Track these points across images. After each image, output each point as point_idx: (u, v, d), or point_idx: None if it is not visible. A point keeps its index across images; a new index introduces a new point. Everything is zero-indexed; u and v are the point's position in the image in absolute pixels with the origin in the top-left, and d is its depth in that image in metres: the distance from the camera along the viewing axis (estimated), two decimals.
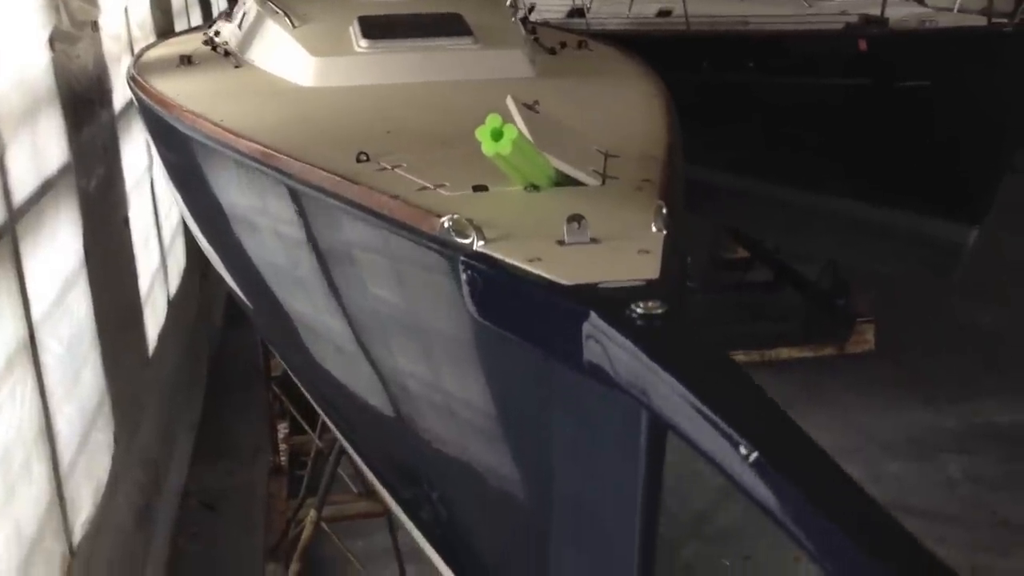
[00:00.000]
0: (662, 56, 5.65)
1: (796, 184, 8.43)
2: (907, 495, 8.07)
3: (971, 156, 7.15)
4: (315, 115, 4.29)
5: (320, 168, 3.14)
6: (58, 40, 5.79)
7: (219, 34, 6.72)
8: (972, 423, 9.34)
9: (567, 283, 2.08)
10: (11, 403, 4.56)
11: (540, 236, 2.34)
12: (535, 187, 2.78)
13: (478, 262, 2.28)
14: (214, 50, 6.19)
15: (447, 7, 5.36)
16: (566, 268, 2.14)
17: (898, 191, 7.69)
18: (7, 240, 4.63)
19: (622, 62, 5.83)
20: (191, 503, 8.20)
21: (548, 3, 10.71)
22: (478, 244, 2.32)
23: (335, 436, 6.27)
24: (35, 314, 4.89)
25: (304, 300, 4.05)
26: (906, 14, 7.88)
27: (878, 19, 7.55)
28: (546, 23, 8.71)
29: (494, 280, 2.24)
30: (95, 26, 6.80)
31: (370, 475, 4.46)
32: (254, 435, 8.89)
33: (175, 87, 5.08)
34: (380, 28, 5.06)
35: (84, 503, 5.50)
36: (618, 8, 9.99)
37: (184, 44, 6.65)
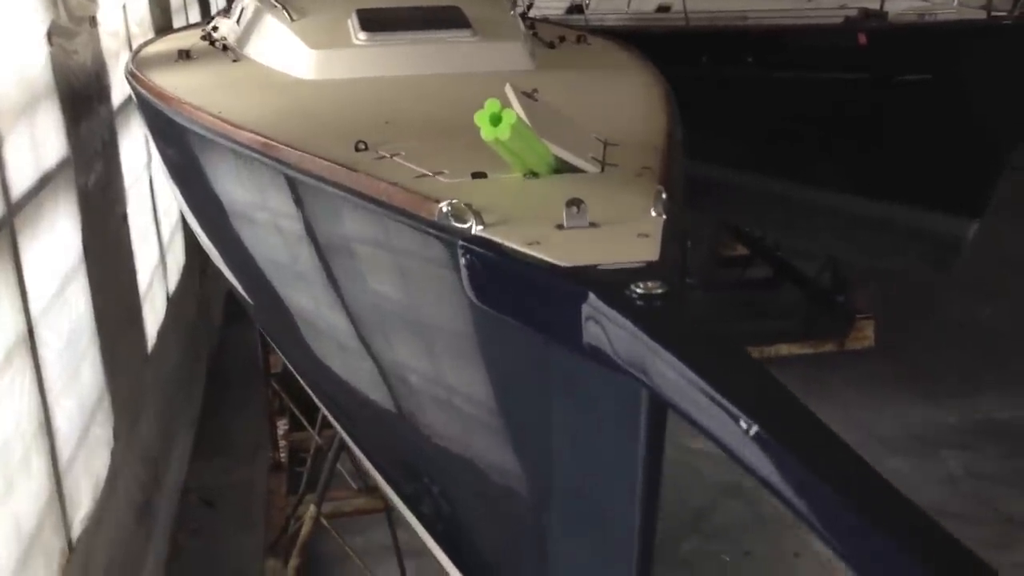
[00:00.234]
0: (661, 51, 5.64)
1: (795, 179, 8.43)
2: (908, 491, 7.75)
3: (971, 150, 7.13)
4: (313, 107, 4.28)
5: (318, 156, 3.13)
6: (56, 35, 5.78)
7: (217, 30, 6.71)
8: (972, 418, 9.34)
9: (566, 265, 2.07)
10: (10, 397, 4.55)
11: (539, 221, 2.33)
12: (534, 174, 2.77)
13: (477, 246, 2.27)
14: (212, 45, 6.18)
15: (445, 0, 5.35)
16: (565, 251, 2.13)
17: (898, 185, 7.67)
18: (5, 233, 4.62)
19: (621, 56, 5.82)
20: (191, 499, 8.19)
21: (547, 0, 10.72)
22: (477, 229, 2.31)
23: (334, 432, 6.28)
24: (34, 308, 4.88)
25: (304, 293, 4.04)
26: (905, 8, 7.87)
27: (877, 13, 7.54)
28: (545, 19, 8.71)
29: (493, 263, 2.23)
30: (93, 21, 6.79)
31: (371, 469, 4.45)
32: (253, 432, 8.89)
33: (173, 81, 5.07)
34: (378, 21, 5.05)
35: (83, 498, 5.49)
36: (617, 4, 9.98)
37: (182, 40, 6.64)
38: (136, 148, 8.11)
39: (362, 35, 4.94)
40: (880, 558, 1.23)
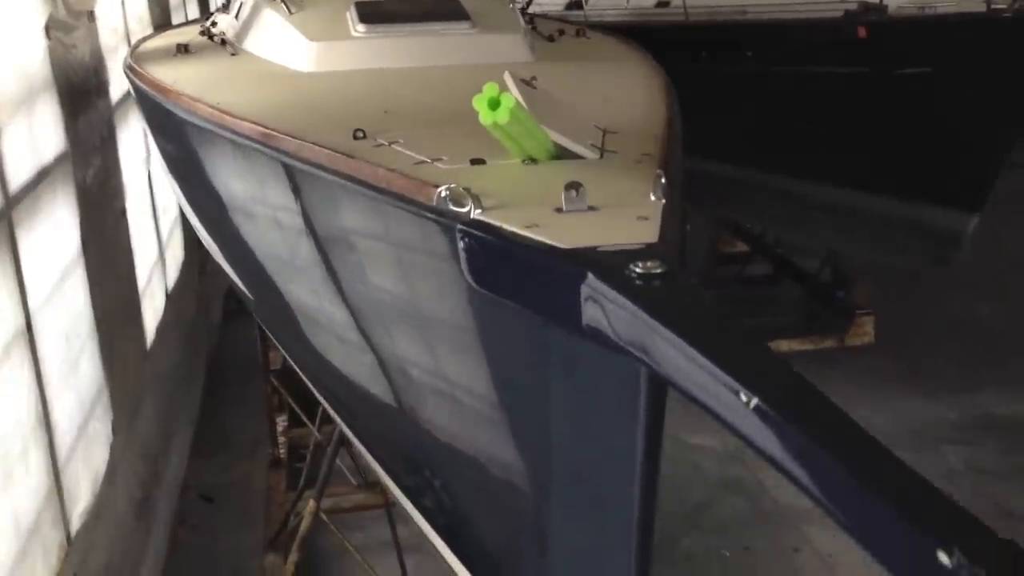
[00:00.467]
0: (660, 46, 5.63)
1: (795, 174, 8.42)
2: None
3: (971, 143, 7.13)
4: (312, 98, 4.26)
5: (316, 145, 3.12)
6: (54, 29, 5.77)
7: (216, 25, 6.71)
8: (972, 414, 9.34)
9: (565, 247, 2.06)
10: (8, 389, 4.54)
11: (538, 205, 2.32)
12: (533, 160, 2.75)
13: (475, 230, 2.26)
14: (211, 40, 6.17)
15: None
16: (564, 233, 2.12)
17: (898, 179, 7.67)
18: (3, 226, 4.61)
19: (621, 49, 5.81)
20: (190, 496, 8.18)
21: None
22: (475, 212, 2.29)
23: (334, 428, 6.27)
24: (32, 302, 4.87)
25: (304, 285, 4.03)
26: (905, 1, 7.87)
27: (877, 6, 7.54)
28: (544, 15, 8.70)
29: (491, 246, 2.22)
30: (91, 16, 6.78)
31: (372, 462, 4.43)
32: (253, 428, 8.89)
33: (172, 74, 5.06)
34: (377, 13, 5.04)
35: (82, 493, 5.48)
36: None
37: (181, 36, 6.63)
38: (135, 144, 8.10)
39: (360, 27, 4.94)
40: (882, 525, 1.22)
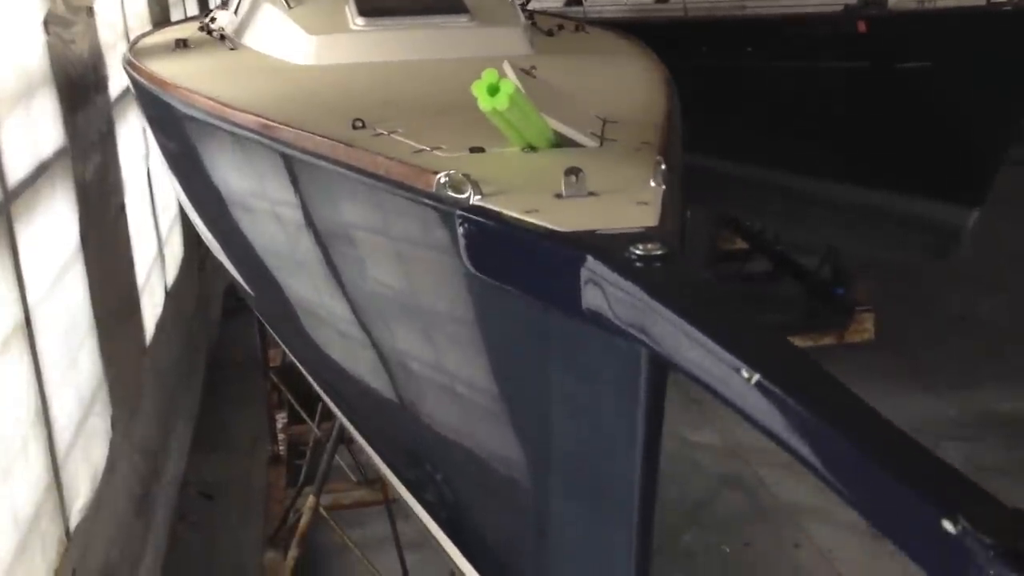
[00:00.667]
0: (659, 42, 5.61)
1: (795, 169, 8.41)
2: None
3: (971, 137, 7.12)
4: (311, 90, 4.25)
5: (315, 134, 3.11)
6: (52, 24, 5.76)
7: (215, 21, 6.71)
8: (973, 410, 9.33)
9: (564, 231, 2.05)
10: (7, 383, 4.53)
11: (537, 191, 2.31)
12: (532, 148, 2.75)
13: (475, 215, 2.25)
14: (210, 35, 6.17)
15: None
16: (563, 218, 2.11)
17: (898, 174, 7.66)
18: (2, 220, 4.60)
19: (620, 43, 5.81)
20: (190, 492, 8.18)
21: None
22: (475, 198, 2.28)
23: (333, 425, 6.27)
24: (31, 296, 4.86)
25: (304, 277, 4.02)
26: None
27: (877, 1, 7.53)
28: (544, 12, 8.69)
29: (491, 232, 2.21)
30: (90, 12, 6.78)
31: (373, 455, 4.42)
32: (252, 425, 8.88)
33: (171, 68, 5.06)
34: (376, 6, 5.04)
35: (81, 488, 5.47)
36: None
37: (180, 32, 6.63)
38: (134, 140, 8.10)
39: (359, 20, 4.93)
40: (886, 496, 1.22)
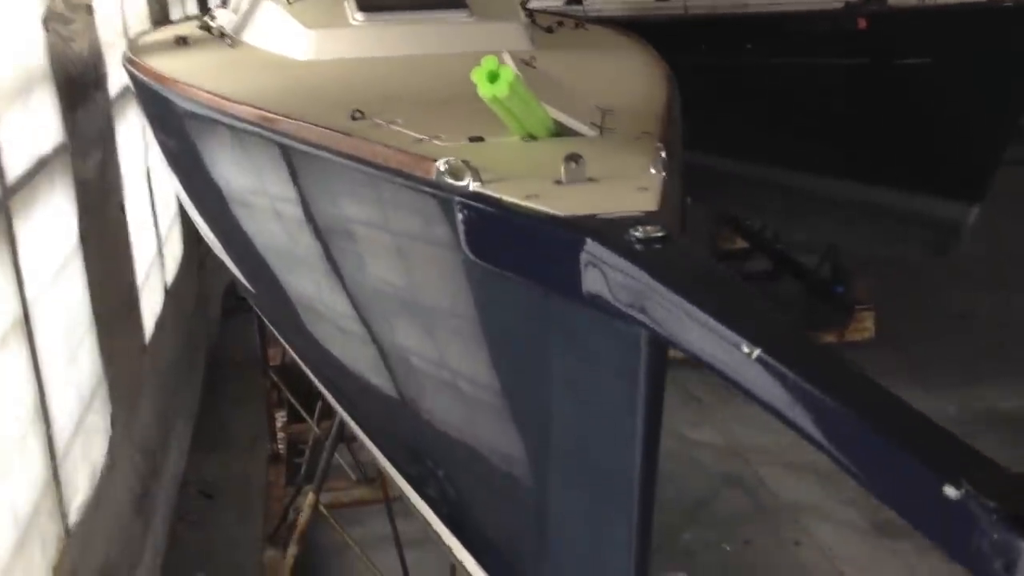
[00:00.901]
0: (659, 40, 5.61)
1: (795, 166, 8.41)
2: None
3: (971, 134, 7.12)
4: (310, 84, 4.25)
5: (314, 124, 3.11)
6: (52, 21, 5.76)
7: (215, 19, 6.72)
8: (973, 409, 9.31)
9: (564, 215, 2.05)
10: (5, 379, 4.52)
11: (537, 177, 2.31)
12: (532, 137, 2.75)
13: (474, 202, 2.25)
14: (209, 32, 6.17)
15: None
16: (563, 203, 2.11)
17: (898, 171, 7.66)
18: (1, 216, 4.59)
19: (621, 39, 5.81)
20: (190, 491, 8.17)
21: None
22: (474, 185, 2.28)
23: (333, 423, 6.26)
24: (30, 292, 4.85)
25: (304, 270, 4.01)
26: None
27: None
28: (543, 11, 8.69)
29: (491, 217, 2.20)
30: (89, 10, 6.77)
31: (374, 449, 4.41)
32: (252, 424, 8.87)
33: (170, 64, 5.06)
34: (375, 2, 5.04)
35: (80, 485, 5.46)
36: None
37: (179, 30, 6.63)
38: (134, 139, 8.09)
39: (359, 16, 4.94)
40: (888, 464, 1.21)
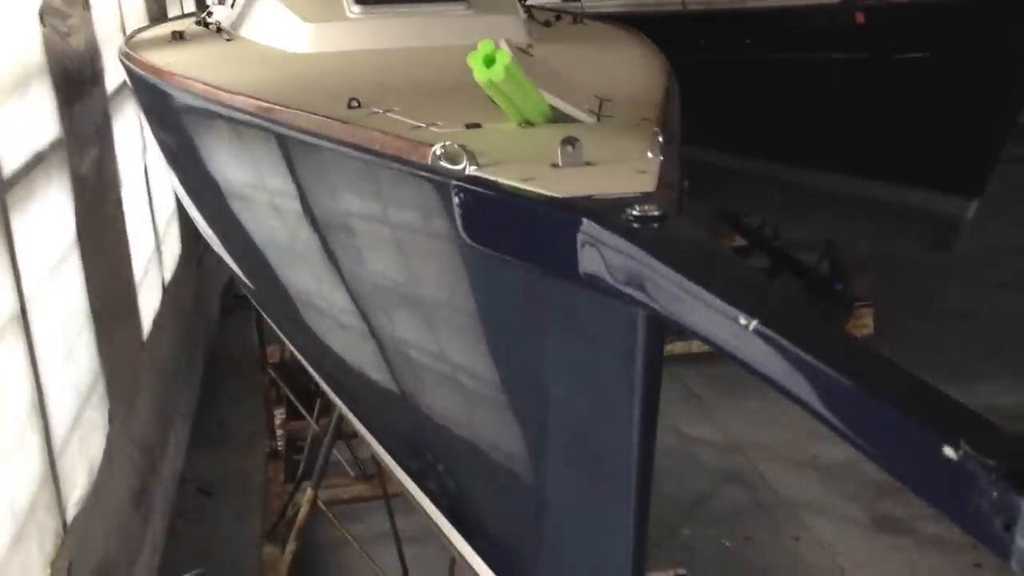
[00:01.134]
0: (657, 36, 5.60)
1: (794, 161, 8.40)
2: None
3: (970, 128, 7.11)
4: (307, 76, 4.25)
5: (310, 112, 3.10)
6: (48, 15, 5.75)
7: (212, 15, 6.72)
8: (973, 406, 9.13)
9: (561, 196, 2.04)
10: (3, 374, 4.51)
11: (534, 161, 2.30)
12: (529, 123, 2.74)
13: (471, 185, 2.24)
14: (206, 28, 6.18)
15: None
16: (560, 185, 2.10)
17: (897, 165, 7.65)
18: None
19: (619, 34, 5.81)
20: (188, 489, 8.15)
21: None
22: (470, 169, 2.27)
23: (331, 419, 6.26)
24: (27, 287, 4.84)
25: (303, 264, 4.00)
26: None
27: None
28: (541, 7, 8.68)
29: (487, 200, 2.19)
30: (86, 4, 6.76)
31: (373, 442, 4.39)
32: (250, 422, 8.86)
33: (167, 58, 5.06)
34: None
35: (78, 480, 5.44)
36: None
37: (176, 26, 6.63)
38: (131, 136, 8.08)
39: (356, 8, 4.94)
40: (886, 428, 1.20)
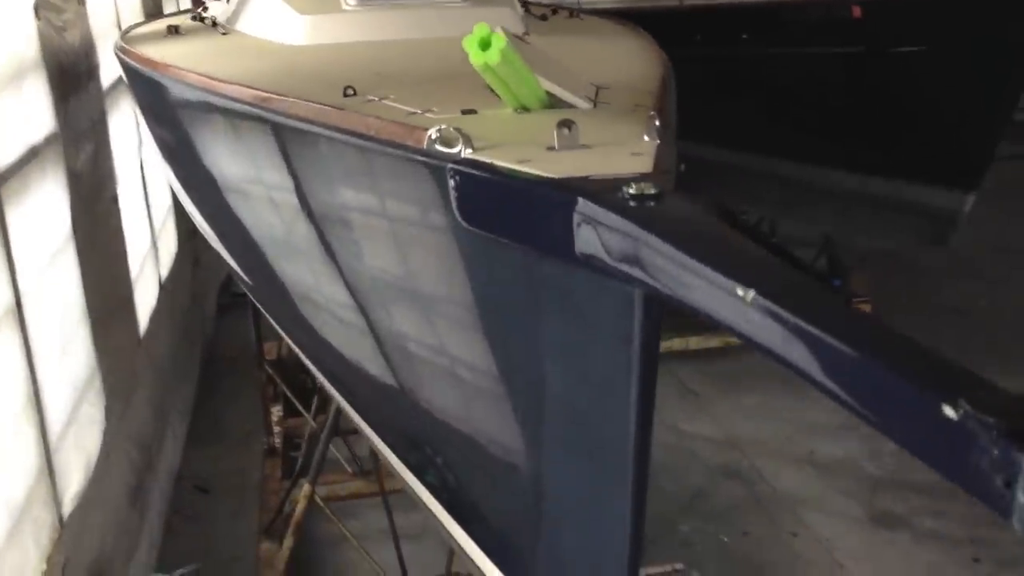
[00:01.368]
0: (654, 31, 5.59)
1: (791, 156, 8.39)
2: (907, 471, 8.02)
3: (967, 121, 7.11)
4: (303, 67, 4.25)
5: (306, 101, 3.09)
6: (43, 9, 5.74)
7: (207, 9, 6.73)
8: None
9: (557, 177, 2.03)
10: None
11: (530, 144, 2.29)
12: (525, 109, 2.73)
13: (467, 168, 2.23)
14: (202, 22, 6.17)
15: None
16: (556, 167, 2.09)
17: (893, 159, 7.65)
18: None
19: (616, 27, 5.81)
20: (185, 486, 8.14)
21: None
22: (466, 152, 2.26)
23: (328, 416, 6.25)
24: (22, 281, 4.82)
25: (300, 256, 3.99)
26: None
27: None
28: (537, 3, 8.67)
29: (483, 182, 2.18)
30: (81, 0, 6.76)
31: (372, 435, 4.38)
32: (248, 419, 8.84)
33: (163, 52, 5.05)
34: None
35: (74, 476, 5.43)
36: None
37: (172, 22, 6.62)
38: (127, 132, 8.07)
39: (352, 0, 4.93)
40: (885, 392, 1.19)
